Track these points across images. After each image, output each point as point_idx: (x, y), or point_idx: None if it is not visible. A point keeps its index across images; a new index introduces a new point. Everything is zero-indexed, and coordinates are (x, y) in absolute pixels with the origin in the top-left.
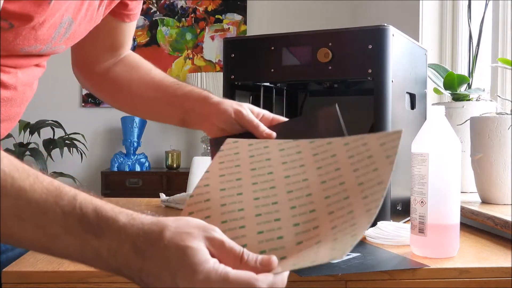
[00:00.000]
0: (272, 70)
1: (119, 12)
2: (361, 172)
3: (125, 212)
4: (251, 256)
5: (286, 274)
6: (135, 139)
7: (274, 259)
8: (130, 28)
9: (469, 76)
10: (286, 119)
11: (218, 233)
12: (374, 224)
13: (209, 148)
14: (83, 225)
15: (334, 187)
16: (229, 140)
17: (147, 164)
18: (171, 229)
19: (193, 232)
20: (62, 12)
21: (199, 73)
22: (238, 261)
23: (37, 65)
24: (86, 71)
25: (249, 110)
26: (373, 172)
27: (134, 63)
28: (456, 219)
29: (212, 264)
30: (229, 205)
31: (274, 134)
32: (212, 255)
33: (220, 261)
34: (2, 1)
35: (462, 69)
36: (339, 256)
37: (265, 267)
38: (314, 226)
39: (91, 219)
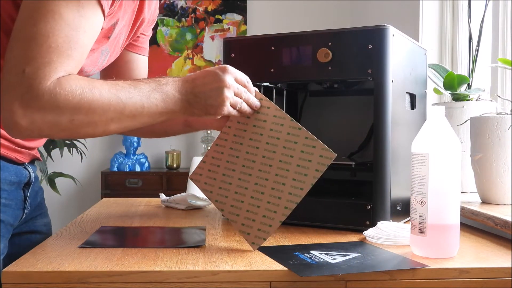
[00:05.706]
0: (272, 70)
1: (131, 44)
2: (300, 169)
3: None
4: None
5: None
6: (135, 139)
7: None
8: (143, 64)
9: (469, 76)
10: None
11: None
12: (374, 224)
13: (209, 147)
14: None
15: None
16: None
17: (147, 164)
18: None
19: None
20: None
21: None
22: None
23: None
24: None
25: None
26: (303, 176)
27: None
28: (456, 219)
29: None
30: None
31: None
32: None
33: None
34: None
35: (462, 69)
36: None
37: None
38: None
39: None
